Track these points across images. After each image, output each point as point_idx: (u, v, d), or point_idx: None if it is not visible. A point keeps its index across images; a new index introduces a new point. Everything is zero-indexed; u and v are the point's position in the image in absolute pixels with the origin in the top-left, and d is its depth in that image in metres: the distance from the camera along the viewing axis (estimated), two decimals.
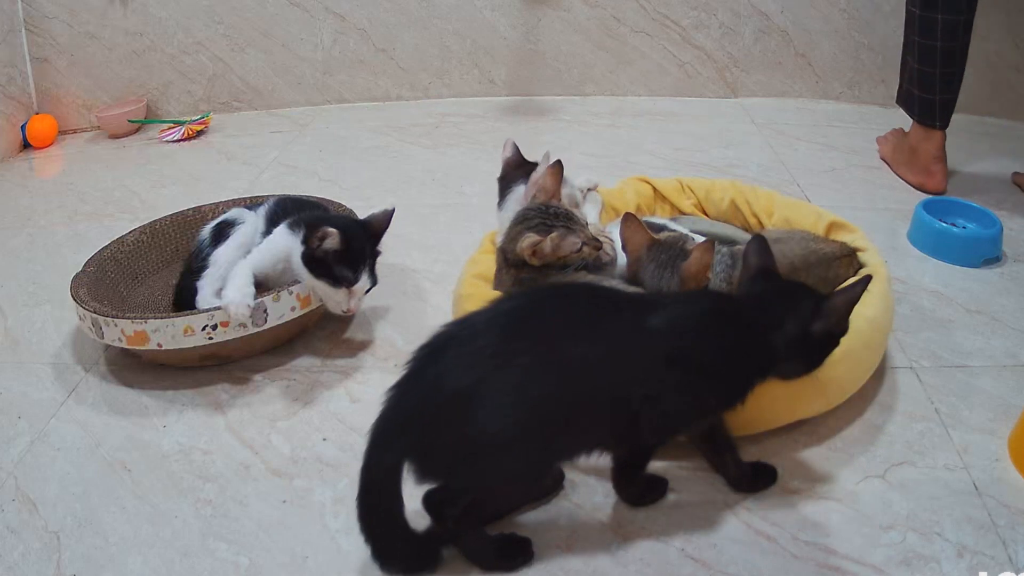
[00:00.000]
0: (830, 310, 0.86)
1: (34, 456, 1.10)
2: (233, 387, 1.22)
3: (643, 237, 1.13)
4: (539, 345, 0.80)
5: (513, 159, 1.34)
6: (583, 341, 0.81)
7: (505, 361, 0.78)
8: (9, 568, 0.92)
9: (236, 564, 0.92)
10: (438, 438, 0.80)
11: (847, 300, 0.87)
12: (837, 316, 0.87)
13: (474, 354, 0.79)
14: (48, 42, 2.31)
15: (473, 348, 0.80)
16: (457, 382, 0.78)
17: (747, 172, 1.84)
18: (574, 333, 0.81)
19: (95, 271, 1.32)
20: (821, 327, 0.87)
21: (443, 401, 0.78)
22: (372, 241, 1.24)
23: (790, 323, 0.86)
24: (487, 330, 0.81)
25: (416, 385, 0.81)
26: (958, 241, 1.46)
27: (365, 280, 1.21)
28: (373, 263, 1.24)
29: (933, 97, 1.70)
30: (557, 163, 1.18)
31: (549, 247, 1.07)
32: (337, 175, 1.95)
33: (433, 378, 0.79)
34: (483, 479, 0.83)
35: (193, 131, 2.26)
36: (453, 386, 0.78)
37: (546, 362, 0.79)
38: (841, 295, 0.87)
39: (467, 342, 0.80)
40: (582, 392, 0.81)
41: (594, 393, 0.82)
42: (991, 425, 1.06)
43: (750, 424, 1.02)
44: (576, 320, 0.82)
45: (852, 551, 0.89)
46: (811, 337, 0.87)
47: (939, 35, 1.64)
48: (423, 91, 2.43)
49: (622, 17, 2.30)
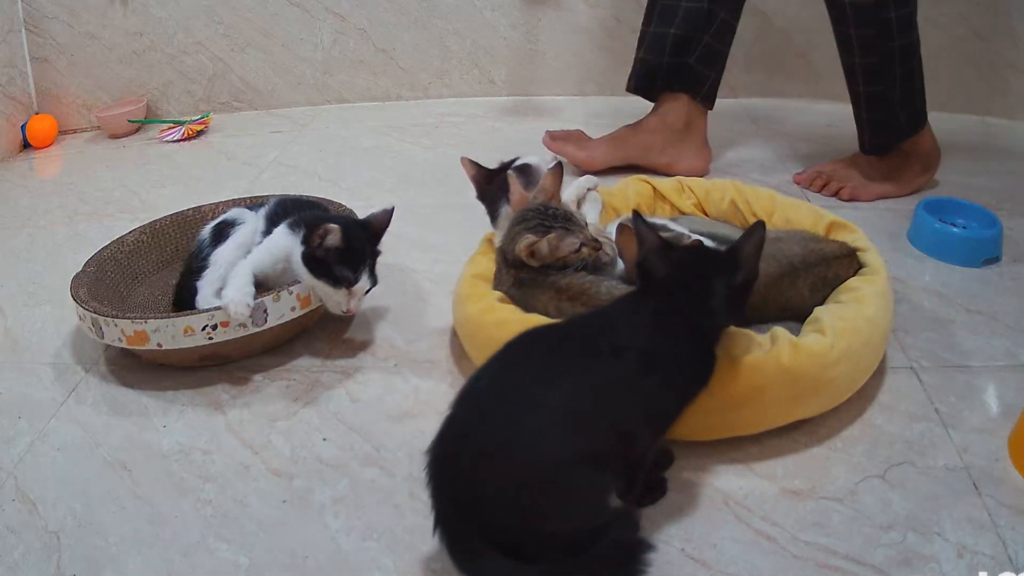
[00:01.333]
0: (744, 260, 0.90)
1: (34, 456, 1.10)
2: (233, 387, 1.22)
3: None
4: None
5: (480, 175, 1.34)
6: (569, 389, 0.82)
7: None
8: (9, 568, 0.92)
9: (236, 564, 0.92)
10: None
11: (754, 246, 0.91)
12: (751, 263, 0.91)
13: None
14: (48, 42, 2.31)
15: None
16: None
17: (747, 172, 1.84)
18: (558, 383, 0.82)
19: (95, 271, 1.32)
20: (741, 277, 0.91)
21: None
22: (372, 241, 1.24)
23: (718, 285, 0.90)
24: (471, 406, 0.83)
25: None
26: (958, 241, 1.45)
27: (365, 280, 1.21)
28: (373, 263, 1.24)
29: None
30: (558, 165, 1.18)
31: (546, 248, 1.07)
32: (337, 175, 1.95)
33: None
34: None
35: (193, 131, 2.26)
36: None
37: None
38: (746, 242, 0.90)
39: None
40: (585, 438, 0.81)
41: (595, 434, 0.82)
42: (991, 425, 1.06)
43: (750, 424, 1.03)
44: (556, 369, 0.83)
45: (852, 551, 0.89)
46: (735, 290, 0.91)
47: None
48: (423, 91, 2.43)
49: (622, 17, 2.30)
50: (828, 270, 1.15)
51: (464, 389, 0.86)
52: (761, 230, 0.90)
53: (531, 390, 0.82)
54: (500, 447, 0.79)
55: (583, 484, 0.80)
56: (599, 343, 0.87)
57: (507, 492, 0.78)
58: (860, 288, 1.11)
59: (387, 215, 1.26)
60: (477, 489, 0.79)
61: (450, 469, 0.81)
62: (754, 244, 0.91)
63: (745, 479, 0.99)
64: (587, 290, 1.08)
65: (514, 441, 0.79)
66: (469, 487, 0.79)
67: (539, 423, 0.80)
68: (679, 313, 0.90)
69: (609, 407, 0.82)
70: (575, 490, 0.79)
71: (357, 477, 1.03)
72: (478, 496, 0.79)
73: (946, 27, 2.16)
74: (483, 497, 0.79)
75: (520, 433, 0.79)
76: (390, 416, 1.14)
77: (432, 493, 0.82)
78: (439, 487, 0.81)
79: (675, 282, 0.91)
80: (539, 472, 0.78)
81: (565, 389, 0.81)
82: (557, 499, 0.79)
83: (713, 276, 0.90)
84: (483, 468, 0.79)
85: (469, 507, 0.79)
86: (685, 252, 0.95)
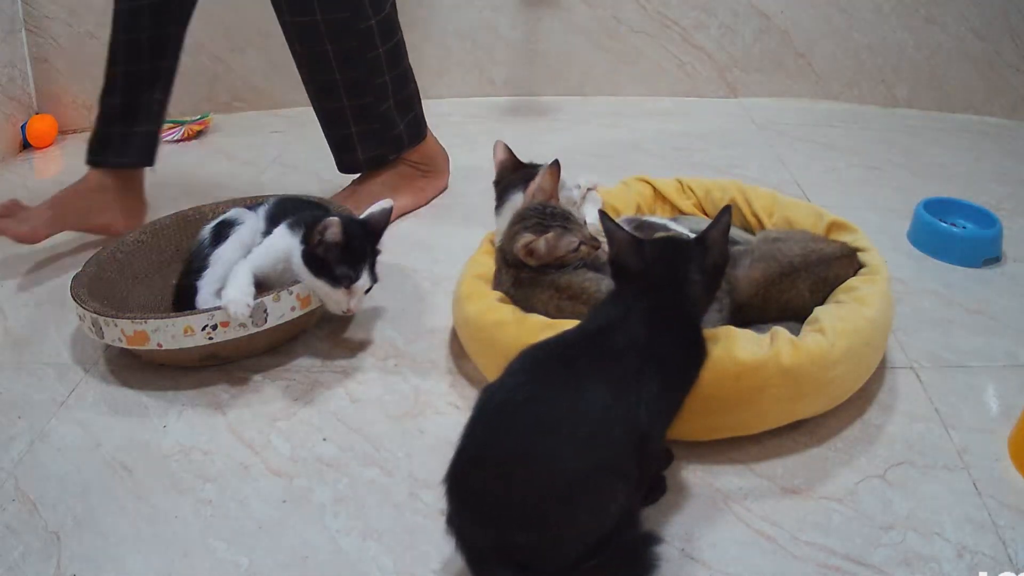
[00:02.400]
0: (712, 244, 0.93)
1: (34, 456, 1.10)
2: (233, 387, 1.22)
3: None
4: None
5: (508, 162, 1.31)
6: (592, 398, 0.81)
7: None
8: (9, 568, 0.92)
9: (236, 564, 0.92)
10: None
11: (720, 231, 0.94)
12: (719, 247, 0.94)
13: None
14: (48, 42, 2.31)
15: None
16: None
17: (747, 172, 1.84)
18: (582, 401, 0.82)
19: (95, 271, 1.32)
20: (711, 261, 0.93)
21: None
22: (372, 239, 1.24)
23: (693, 272, 0.92)
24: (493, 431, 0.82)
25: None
26: (958, 241, 1.46)
27: (366, 279, 1.21)
28: (373, 261, 1.23)
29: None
30: (555, 163, 1.18)
31: (544, 247, 1.06)
32: (337, 175, 1.94)
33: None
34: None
35: (193, 131, 2.26)
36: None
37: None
38: (714, 228, 0.93)
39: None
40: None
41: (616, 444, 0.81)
42: (991, 425, 1.06)
43: (750, 424, 1.03)
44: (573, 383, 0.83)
45: (852, 551, 0.89)
46: (709, 274, 0.94)
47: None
48: (423, 91, 2.42)
49: (622, 17, 2.30)
50: (828, 271, 1.15)
51: (481, 404, 0.84)
52: (727, 215, 0.94)
53: (548, 402, 0.81)
54: (524, 458, 0.78)
55: (605, 490, 0.79)
56: (600, 350, 0.86)
57: (531, 503, 0.77)
58: (860, 288, 1.11)
59: (385, 214, 1.26)
60: (500, 503, 0.78)
61: (473, 483, 0.80)
62: (720, 229, 0.94)
63: (745, 479, 0.99)
64: (587, 289, 1.08)
65: (538, 452, 0.78)
66: (491, 502, 0.78)
67: (560, 433, 0.79)
68: (665, 305, 0.91)
69: (622, 411, 0.81)
70: (598, 497, 0.79)
71: (357, 477, 1.03)
72: (501, 510, 0.78)
73: (946, 27, 2.16)
74: (506, 510, 0.78)
75: (543, 445, 0.78)
76: (390, 416, 1.14)
77: (453, 508, 0.81)
78: (462, 502, 0.80)
79: (652, 276, 0.92)
80: (564, 481, 0.77)
81: (579, 398, 0.81)
82: (582, 507, 0.78)
83: (687, 264, 0.92)
84: (507, 480, 0.78)
85: (490, 522, 0.79)
86: (656, 245, 0.95)
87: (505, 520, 0.78)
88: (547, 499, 0.77)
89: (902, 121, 2.18)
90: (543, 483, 0.77)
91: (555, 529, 0.78)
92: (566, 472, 0.78)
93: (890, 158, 1.93)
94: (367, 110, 1.59)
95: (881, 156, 1.94)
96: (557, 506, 0.77)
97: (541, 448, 0.78)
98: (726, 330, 1.01)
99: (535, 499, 0.77)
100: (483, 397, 0.85)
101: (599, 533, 0.79)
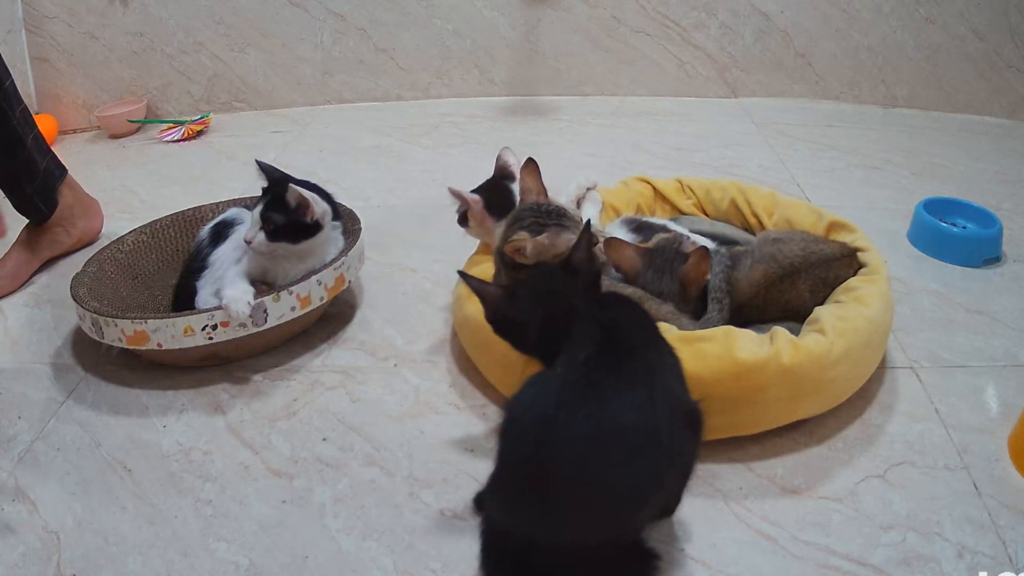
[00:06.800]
0: (579, 264, 0.92)
1: (34, 456, 1.10)
2: (233, 387, 1.22)
3: (631, 252, 1.14)
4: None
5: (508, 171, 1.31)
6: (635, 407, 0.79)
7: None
8: (9, 568, 0.92)
9: (236, 564, 0.92)
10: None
11: (582, 249, 0.93)
12: (584, 264, 0.93)
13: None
14: (48, 42, 2.31)
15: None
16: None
17: (747, 172, 1.84)
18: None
19: (95, 271, 1.32)
20: (583, 279, 0.93)
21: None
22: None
23: (574, 293, 0.91)
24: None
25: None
26: (958, 241, 1.46)
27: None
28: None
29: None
30: (529, 160, 1.15)
31: (531, 249, 1.04)
32: (337, 175, 1.95)
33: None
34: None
35: (193, 131, 2.26)
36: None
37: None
38: (576, 250, 0.93)
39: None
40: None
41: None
42: (991, 425, 1.06)
43: (750, 424, 1.03)
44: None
45: (852, 551, 0.89)
46: (588, 284, 0.93)
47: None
48: (423, 91, 2.43)
49: (622, 17, 2.30)
50: (828, 271, 1.15)
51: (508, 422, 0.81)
52: (586, 232, 0.92)
53: (595, 414, 0.78)
54: (581, 468, 0.76)
55: (652, 494, 0.79)
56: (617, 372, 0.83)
57: (585, 509, 0.77)
58: (860, 288, 1.11)
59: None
60: (558, 507, 0.77)
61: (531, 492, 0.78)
62: (582, 247, 0.93)
63: (745, 479, 0.99)
64: None
65: (594, 463, 0.76)
66: (548, 507, 0.77)
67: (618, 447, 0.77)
68: (622, 301, 0.93)
69: (663, 421, 0.79)
70: (647, 502, 0.79)
71: (357, 477, 1.03)
72: (556, 515, 0.77)
73: (946, 27, 2.16)
74: (561, 515, 0.77)
75: (598, 455, 0.76)
76: (390, 416, 1.14)
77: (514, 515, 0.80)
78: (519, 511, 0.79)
79: (546, 316, 0.89)
80: (622, 490, 0.77)
81: (626, 410, 0.78)
82: (631, 511, 0.79)
83: (566, 290, 0.91)
84: (567, 488, 0.76)
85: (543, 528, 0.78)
86: (528, 286, 0.94)
87: (581, 524, 0.77)
88: (599, 504, 0.77)
89: (902, 121, 2.18)
90: (597, 490, 0.76)
91: (606, 529, 0.78)
92: (621, 480, 0.77)
93: (890, 158, 1.93)
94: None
95: (881, 156, 1.94)
96: (608, 510, 0.78)
97: (592, 456, 0.76)
98: (726, 330, 1.01)
99: (589, 502, 0.76)
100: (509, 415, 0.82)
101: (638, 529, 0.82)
